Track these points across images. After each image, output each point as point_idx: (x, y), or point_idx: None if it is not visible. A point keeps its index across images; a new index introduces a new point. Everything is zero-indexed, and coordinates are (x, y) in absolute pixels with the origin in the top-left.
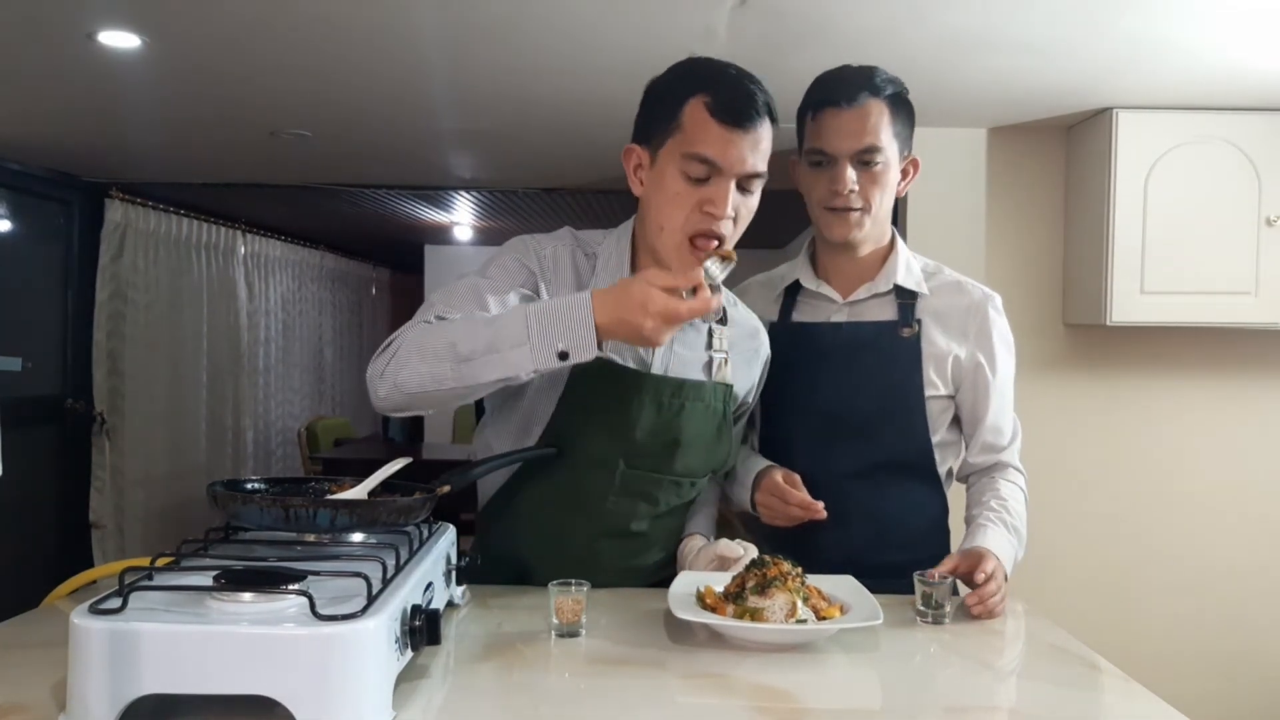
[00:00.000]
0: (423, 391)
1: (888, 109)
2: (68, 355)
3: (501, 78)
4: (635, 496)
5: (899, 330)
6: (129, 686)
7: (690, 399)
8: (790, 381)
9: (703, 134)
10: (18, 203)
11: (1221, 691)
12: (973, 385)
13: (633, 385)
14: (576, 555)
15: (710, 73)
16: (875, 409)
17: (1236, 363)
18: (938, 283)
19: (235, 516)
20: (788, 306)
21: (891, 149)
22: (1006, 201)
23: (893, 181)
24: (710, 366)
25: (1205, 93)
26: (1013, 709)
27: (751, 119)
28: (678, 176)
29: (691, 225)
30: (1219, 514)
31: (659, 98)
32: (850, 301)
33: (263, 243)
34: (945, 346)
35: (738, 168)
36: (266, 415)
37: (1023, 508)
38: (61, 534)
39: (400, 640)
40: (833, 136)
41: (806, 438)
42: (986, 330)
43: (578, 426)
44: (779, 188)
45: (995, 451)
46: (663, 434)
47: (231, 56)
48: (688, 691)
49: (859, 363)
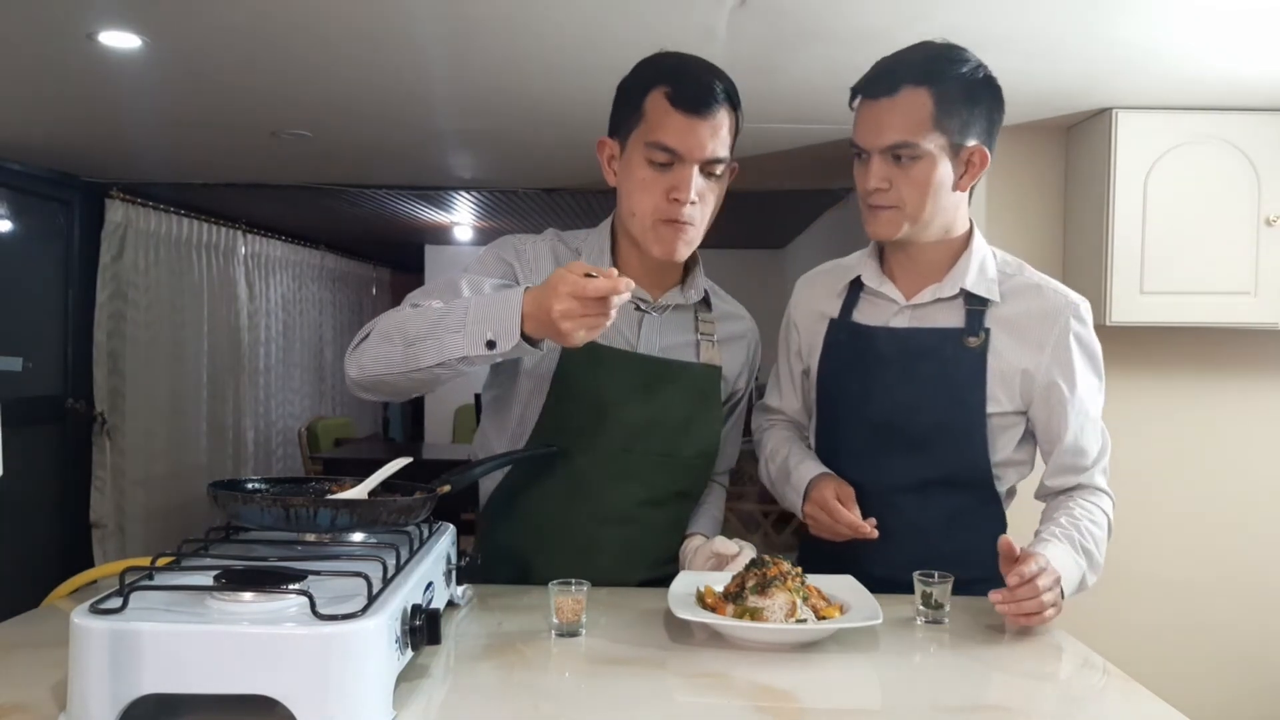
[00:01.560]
0: (378, 374)
1: (932, 99)
2: (68, 355)
3: (502, 77)
4: (630, 479)
5: (963, 339)
6: (129, 686)
7: (677, 380)
8: (844, 386)
9: (663, 123)
10: (18, 203)
11: (1220, 691)
12: (1045, 402)
13: (619, 366)
14: (577, 544)
15: (671, 65)
16: (931, 422)
17: (1236, 363)
18: (1013, 285)
19: (236, 516)
20: (849, 303)
21: (934, 143)
22: (1006, 201)
23: (939, 178)
24: (697, 349)
25: (1205, 93)
26: (1013, 709)
27: (710, 106)
28: (643, 164)
29: (659, 210)
30: (1219, 514)
31: (627, 91)
32: (913, 304)
33: (263, 243)
34: (1014, 359)
35: (698, 154)
36: (267, 415)
37: (1101, 531)
38: (62, 534)
39: (400, 640)
40: (863, 129)
41: (857, 446)
42: (1065, 342)
43: (570, 412)
44: (779, 188)
45: (1075, 473)
46: (651, 414)
47: (231, 56)
48: (688, 691)
49: (917, 372)
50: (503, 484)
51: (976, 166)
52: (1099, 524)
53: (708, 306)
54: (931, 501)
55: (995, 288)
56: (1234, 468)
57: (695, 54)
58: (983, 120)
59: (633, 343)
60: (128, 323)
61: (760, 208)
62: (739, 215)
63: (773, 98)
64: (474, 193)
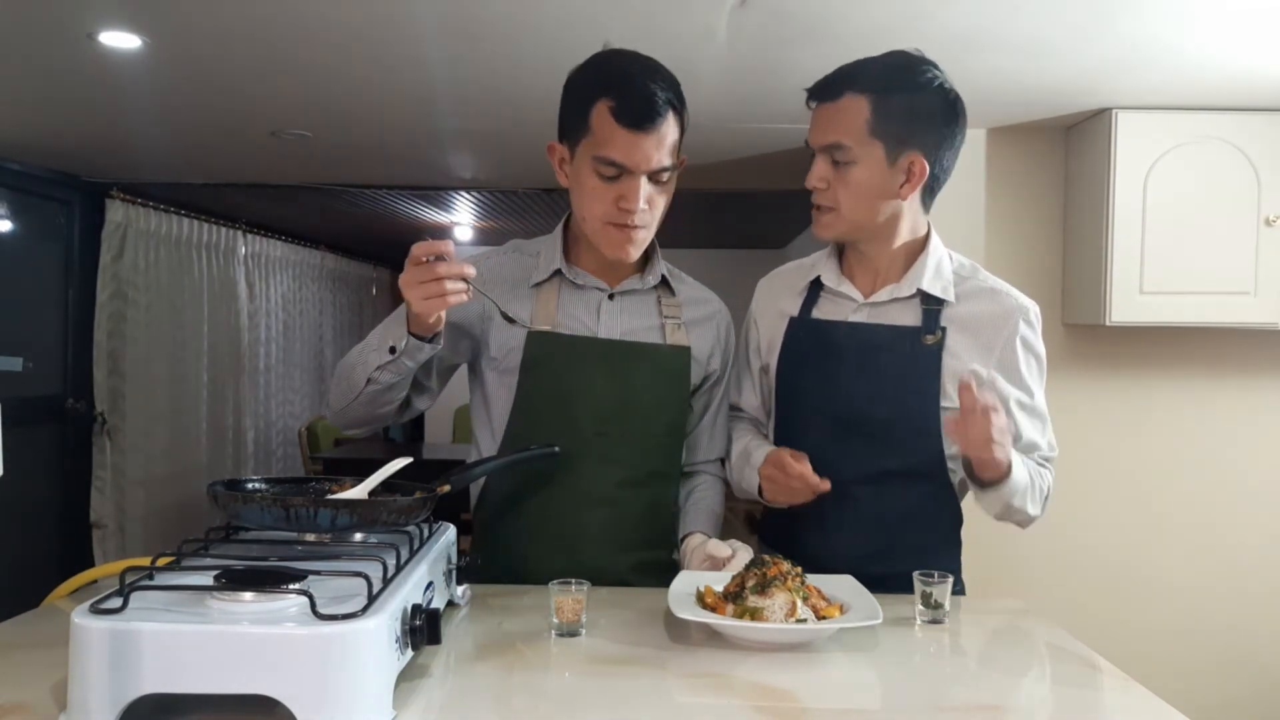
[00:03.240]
0: (341, 407)
1: (870, 107)
2: (68, 355)
3: (502, 77)
4: (606, 462)
5: (920, 337)
6: (129, 686)
7: (644, 360)
8: (803, 380)
9: (610, 138)
10: (18, 203)
11: (1220, 691)
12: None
13: (580, 351)
14: (561, 530)
15: (614, 75)
16: (887, 415)
17: (1236, 363)
18: (969, 288)
19: (236, 516)
20: (809, 302)
21: (869, 147)
22: (1006, 202)
23: (870, 182)
24: (663, 332)
25: (1205, 93)
26: (1013, 709)
27: (654, 120)
28: (592, 175)
29: (610, 216)
30: (1218, 513)
31: (573, 98)
32: (871, 302)
33: (263, 243)
34: (967, 358)
35: (644, 167)
36: (267, 415)
37: (1044, 481)
38: (62, 534)
39: (400, 640)
40: (811, 130)
41: (816, 439)
42: (1012, 345)
43: (538, 402)
44: (779, 188)
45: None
46: (621, 396)
47: (232, 56)
48: (688, 691)
49: (874, 365)
50: (489, 480)
51: (916, 177)
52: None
53: (670, 292)
54: (889, 491)
55: (951, 289)
56: (1234, 468)
57: (694, 54)
58: (929, 133)
59: (593, 328)
60: (128, 323)
61: (760, 208)
62: (739, 215)
63: (773, 98)
64: (474, 193)
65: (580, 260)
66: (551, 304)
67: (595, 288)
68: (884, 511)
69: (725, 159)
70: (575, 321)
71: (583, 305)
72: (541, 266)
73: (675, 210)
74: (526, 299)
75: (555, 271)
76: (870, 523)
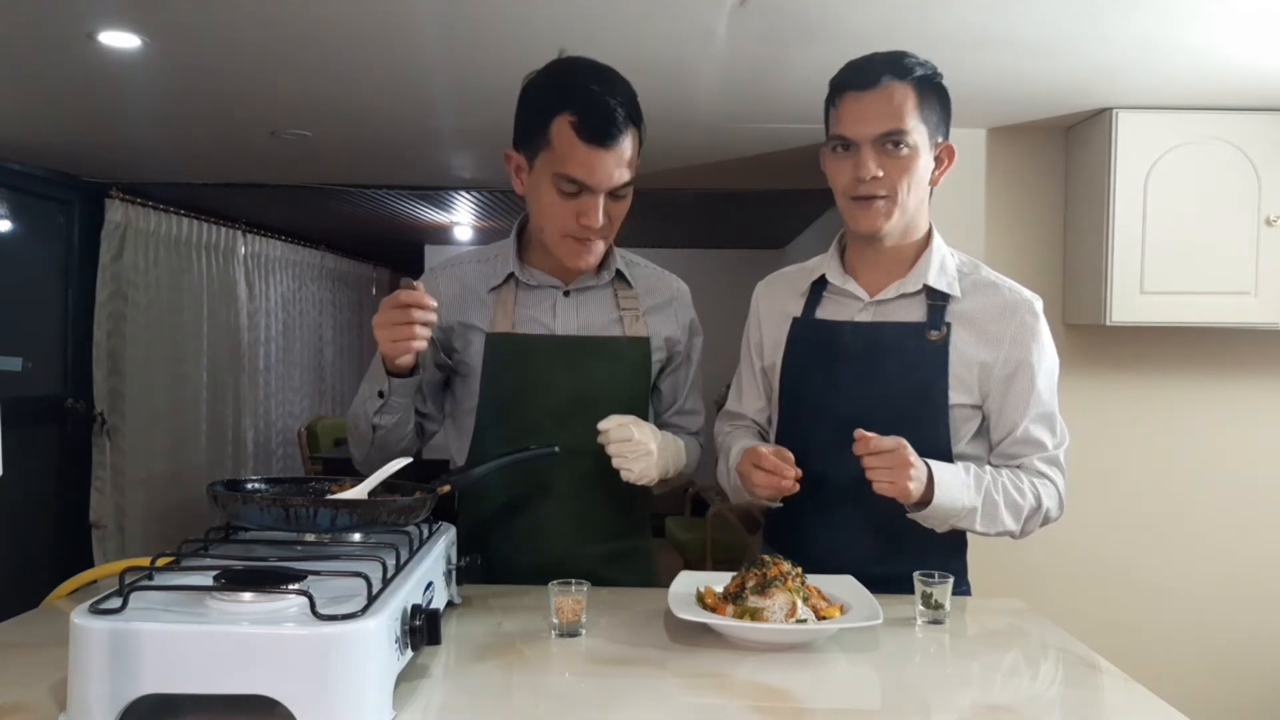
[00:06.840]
0: (362, 457)
1: (914, 92)
2: (68, 355)
3: (502, 76)
4: (571, 455)
5: (926, 333)
6: (129, 686)
7: (601, 354)
8: (809, 381)
9: (570, 155)
10: (18, 203)
11: (1220, 691)
12: (1002, 394)
13: (537, 349)
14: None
15: (574, 89)
16: (895, 414)
17: (1236, 363)
18: (972, 283)
19: (235, 516)
20: (813, 301)
21: (919, 133)
22: (1006, 202)
23: (922, 169)
24: (622, 325)
25: (1205, 93)
26: (1013, 709)
27: (614, 137)
28: (551, 190)
29: (568, 229)
30: (1219, 514)
31: (531, 108)
32: (877, 300)
33: (263, 243)
34: (973, 353)
35: (605, 184)
36: (267, 415)
37: (1020, 497)
38: (61, 534)
39: (400, 640)
40: (853, 121)
41: (822, 440)
42: (1022, 337)
43: (500, 403)
44: (779, 187)
45: (1019, 460)
46: (581, 390)
47: (231, 56)
48: (688, 691)
49: (881, 365)
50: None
51: (945, 163)
52: (1022, 491)
53: (627, 284)
54: None
55: (956, 284)
56: (1235, 468)
57: (694, 54)
58: (942, 119)
59: (550, 327)
60: (128, 323)
61: (760, 208)
62: (739, 215)
63: (773, 98)
64: (474, 193)
65: (535, 261)
66: (509, 306)
67: (550, 286)
68: (888, 511)
69: (725, 159)
70: (533, 322)
71: (538, 305)
72: (497, 271)
73: (675, 210)
74: (485, 305)
75: (510, 275)
76: (874, 523)
